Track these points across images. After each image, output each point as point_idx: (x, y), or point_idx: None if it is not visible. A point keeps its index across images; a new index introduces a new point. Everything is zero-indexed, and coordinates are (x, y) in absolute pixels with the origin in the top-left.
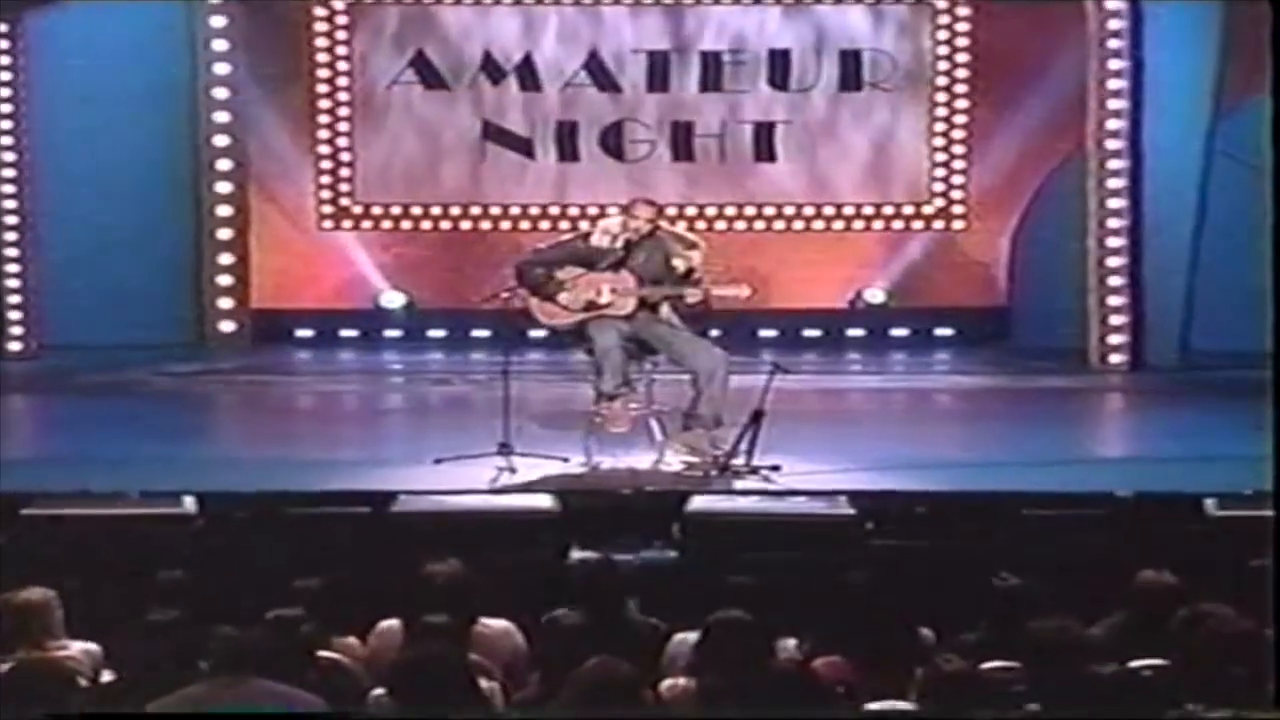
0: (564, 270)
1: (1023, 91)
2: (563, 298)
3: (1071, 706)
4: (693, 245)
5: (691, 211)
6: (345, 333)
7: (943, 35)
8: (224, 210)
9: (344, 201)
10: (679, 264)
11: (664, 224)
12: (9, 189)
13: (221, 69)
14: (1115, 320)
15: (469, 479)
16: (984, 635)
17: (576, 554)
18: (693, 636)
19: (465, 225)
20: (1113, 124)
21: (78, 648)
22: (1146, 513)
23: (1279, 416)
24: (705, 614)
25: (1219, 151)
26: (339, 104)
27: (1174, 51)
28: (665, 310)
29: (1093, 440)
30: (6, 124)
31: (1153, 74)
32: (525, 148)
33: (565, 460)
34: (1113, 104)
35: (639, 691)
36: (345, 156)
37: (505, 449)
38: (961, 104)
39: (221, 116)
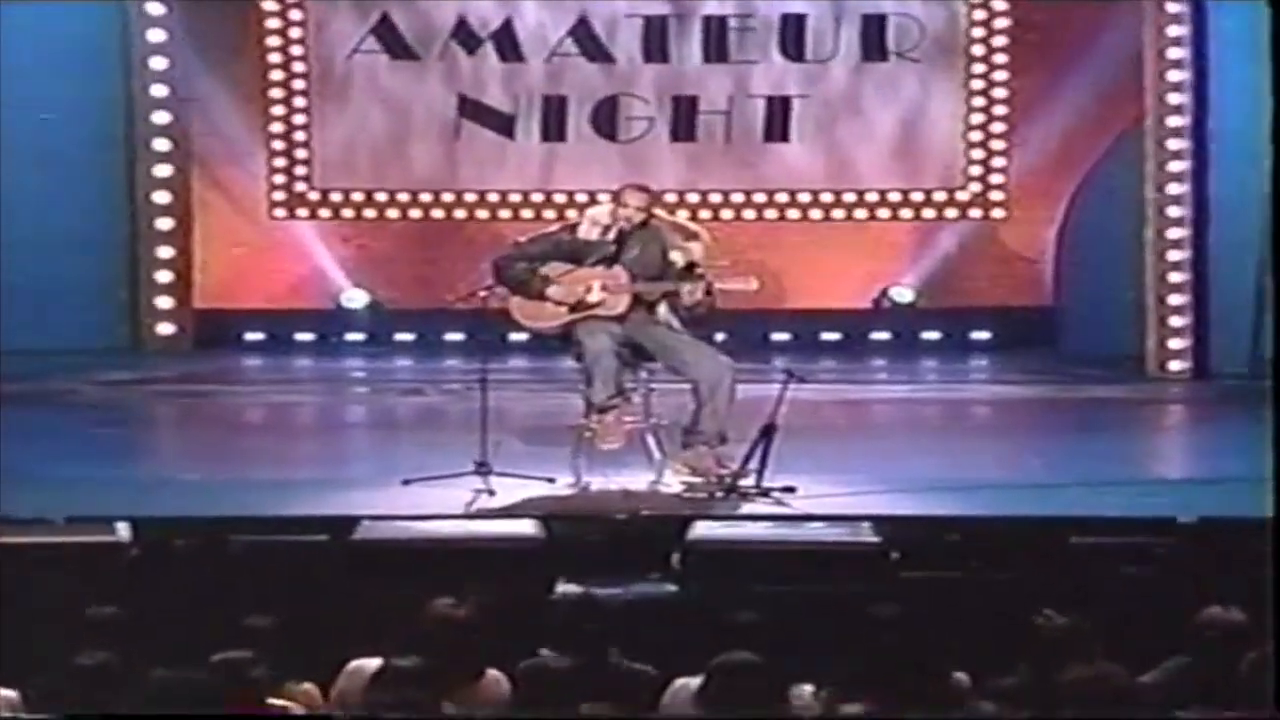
0: (549, 266)
1: (1070, 61)
2: (548, 296)
3: None
4: (694, 236)
5: (693, 198)
6: (301, 336)
7: None
8: (162, 197)
9: (300, 188)
10: (678, 257)
11: (661, 213)
12: None
13: (157, 36)
14: (1176, 322)
15: (441, 502)
16: (1024, 680)
17: (563, 588)
18: (695, 682)
19: (438, 214)
20: (1173, 97)
21: None
22: (1212, 541)
23: (1279, 422)
24: (709, 657)
25: None
26: (293, 76)
27: (1242, 15)
28: (663, 310)
29: (1151, 458)
30: None
31: (1218, 40)
32: (505, 126)
33: (551, 481)
34: (1173, 75)
35: None
36: (301, 136)
37: (483, 468)
38: (1001, 76)
39: (159, 90)
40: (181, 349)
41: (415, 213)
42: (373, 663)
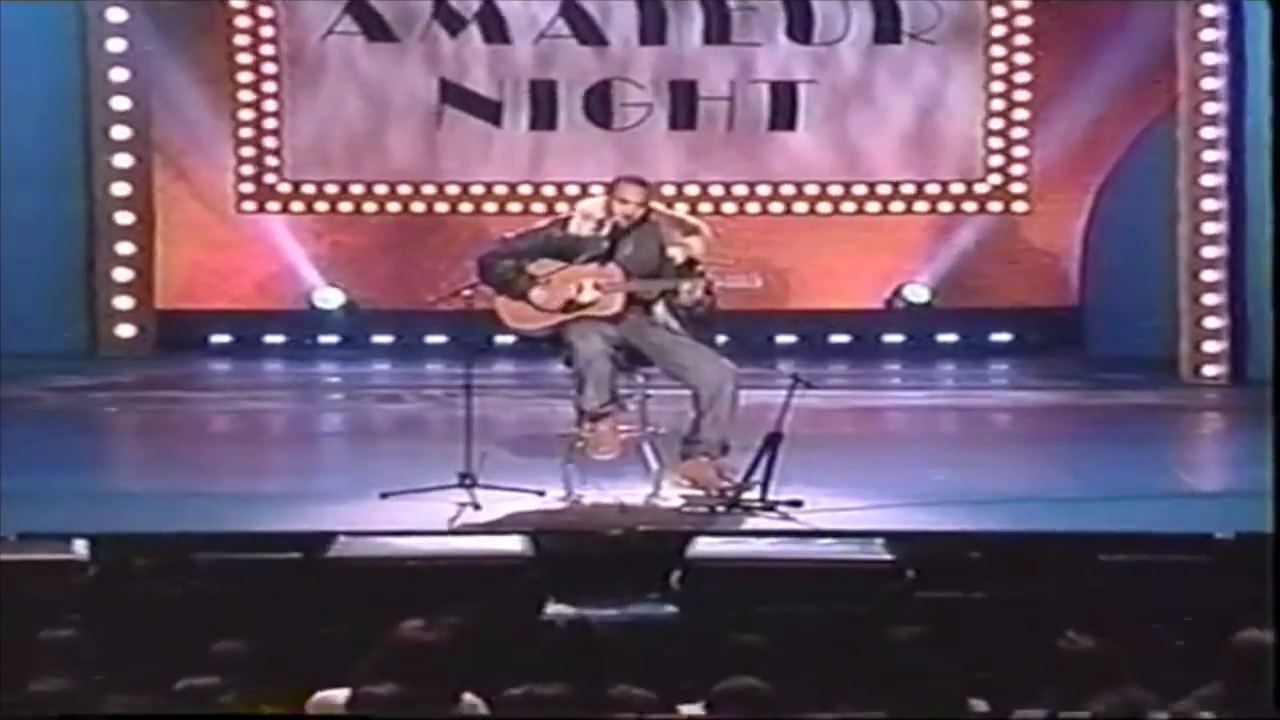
0: (538, 263)
1: (1098, 43)
2: (536, 296)
3: None
4: (693, 231)
5: (693, 191)
6: (271, 338)
7: None
8: (121, 189)
9: (270, 179)
10: (676, 254)
11: (659, 206)
12: None
13: (117, 15)
14: (1211, 323)
15: (423, 517)
16: (1048, 708)
17: (554, 609)
18: (697, 710)
19: (418, 208)
20: (1208, 83)
21: None
22: (1250, 558)
23: (1279, 430)
24: (710, 683)
25: None
26: (263, 59)
27: None
28: (660, 311)
29: (1184, 469)
30: None
31: (1255, 22)
32: (491, 113)
33: (540, 494)
34: (1208, 58)
35: None
36: (271, 124)
37: (467, 480)
38: (1023, 59)
39: (119, 74)
40: (142, 352)
41: (394, 206)
42: (341, 693)
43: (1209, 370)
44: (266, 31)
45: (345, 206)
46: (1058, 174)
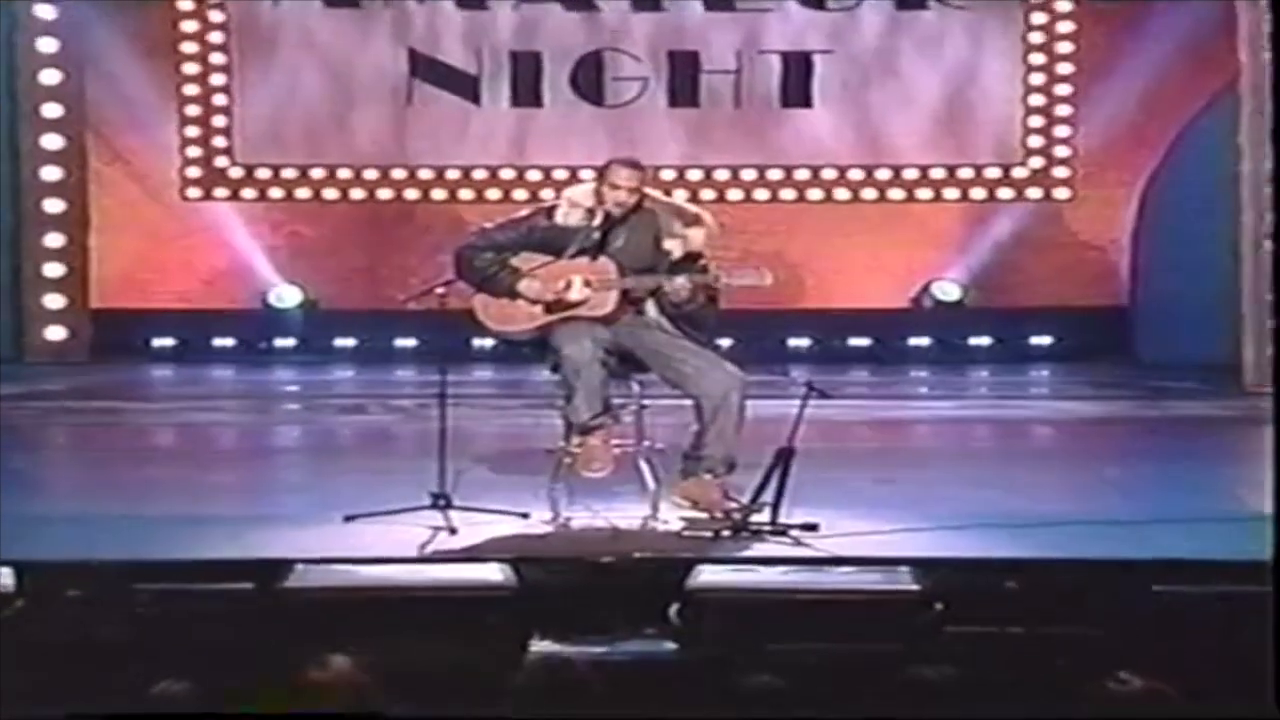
0: (521, 257)
1: (1150, 10)
2: (522, 289)
3: None
4: (695, 221)
5: (695, 176)
6: (220, 342)
7: None
8: (51, 173)
9: (219, 162)
10: (674, 247)
11: (657, 193)
12: None
13: None
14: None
15: (391, 543)
16: None
17: (539, 646)
18: None
19: (385, 195)
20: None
21: None
22: None
23: None
24: None
25: None
26: (210, 27)
27: None
28: (653, 310)
29: (1246, 489)
30: None
31: None
32: (467, 89)
33: (524, 517)
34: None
35: None
36: (220, 100)
37: (441, 502)
38: (1066, 27)
39: (47, 44)
40: (75, 357)
41: (359, 193)
42: None
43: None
44: None
45: (304, 193)
46: (1105, 156)
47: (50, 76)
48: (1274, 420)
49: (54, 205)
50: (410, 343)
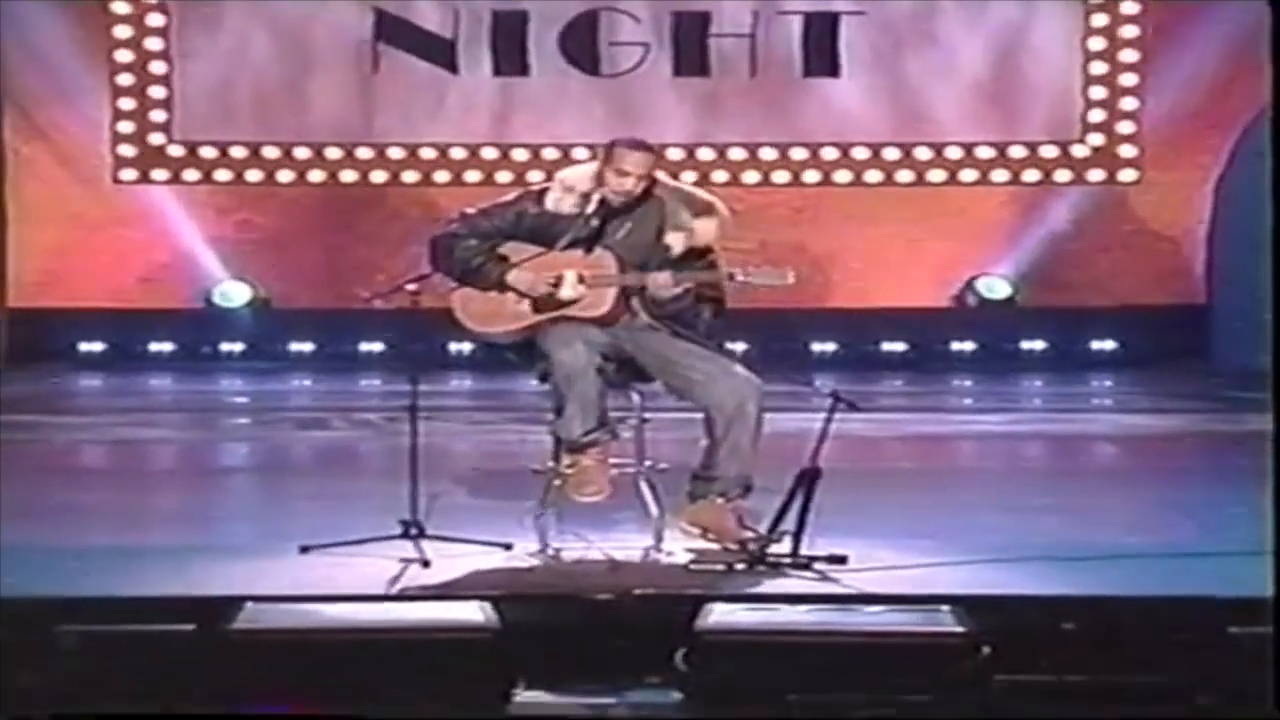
0: (506, 247)
1: None
2: (512, 279)
3: None
4: (707, 210)
5: (706, 156)
6: (157, 346)
7: None
8: None
9: (156, 139)
10: (676, 240)
11: (663, 176)
12: None
13: None
14: None
15: (354, 578)
16: None
17: (524, 696)
18: None
19: (349, 177)
20: None
21: None
22: None
23: (1279, 434)
24: None
25: None
26: None
27: None
28: (638, 307)
29: None
30: None
31: None
32: (442, 55)
33: (507, 548)
34: None
35: None
36: (158, 68)
37: (412, 530)
38: None
39: None
40: None
41: (317, 175)
42: None
43: None
44: None
45: (254, 175)
46: (1176, 134)
47: None
48: (1274, 422)
49: None
50: (377, 347)
